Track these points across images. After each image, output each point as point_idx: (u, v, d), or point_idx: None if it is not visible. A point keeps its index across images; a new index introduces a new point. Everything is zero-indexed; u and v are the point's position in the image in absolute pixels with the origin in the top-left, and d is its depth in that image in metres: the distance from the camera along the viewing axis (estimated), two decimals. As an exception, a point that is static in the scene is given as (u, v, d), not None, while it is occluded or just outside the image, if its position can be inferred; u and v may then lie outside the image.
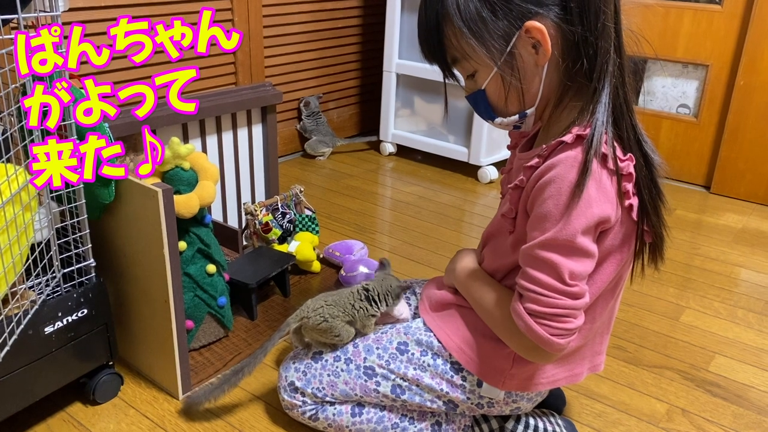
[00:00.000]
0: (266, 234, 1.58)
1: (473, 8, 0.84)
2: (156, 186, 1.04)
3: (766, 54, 2.12)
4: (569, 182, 0.82)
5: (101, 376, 1.15)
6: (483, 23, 0.84)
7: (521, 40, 0.85)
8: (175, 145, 1.16)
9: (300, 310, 1.07)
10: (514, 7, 0.83)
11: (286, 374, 1.08)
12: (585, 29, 0.82)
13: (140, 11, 1.84)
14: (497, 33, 0.84)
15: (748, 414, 1.22)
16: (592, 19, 0.81)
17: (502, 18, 0.84)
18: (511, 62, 0.86)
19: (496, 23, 0.84)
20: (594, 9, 0.81)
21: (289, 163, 2.46)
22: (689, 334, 1.47)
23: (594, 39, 0.82)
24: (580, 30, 0.82)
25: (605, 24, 0.81)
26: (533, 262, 0.86)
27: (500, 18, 0.84)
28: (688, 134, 2.36)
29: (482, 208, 2.14)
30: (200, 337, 1.30)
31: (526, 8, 0.83)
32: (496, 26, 0.84)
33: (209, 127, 1.55)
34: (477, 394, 1.02)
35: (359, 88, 2.74)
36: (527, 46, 0.85)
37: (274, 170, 1.72)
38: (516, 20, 0.84)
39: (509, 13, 0.83)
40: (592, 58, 0.83)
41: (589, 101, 0.84)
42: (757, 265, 1.81)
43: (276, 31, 2.27)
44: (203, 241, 1.24)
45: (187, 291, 1.24)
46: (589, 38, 0.82)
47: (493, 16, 0.84)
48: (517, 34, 0.84)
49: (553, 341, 0.86)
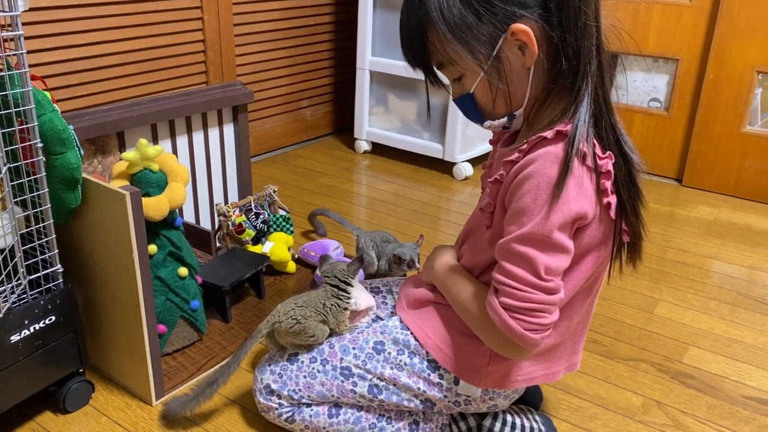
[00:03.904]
0: (239, 235, 1.56)
1: (457, 13, 0.83)
2: (123, 189, 1.02)
3: (734, 48, 2.15)
4: (548, 177, 0.82)
5: (71, 384, 1.12)
6: (468, 28, 0.84)
7: (507, 43, 0.84)
8: (143, 147, 1.14)
9: (271, 316, 1.06)
10: (498, 11, 0.83)
11: (261, 377, 1.07)
12: (565, 30, 0.82)
13: (102, 10, 1.80)
14: (482, 37, 0.84)
15: (722, 404, 1.23)
16: (571, 20, 0.81)
17: (487, 22, 0.83)
18: (498, 65, 0.86)
19: (480, 27, 0.84)
20: (573, 9, 0.81)
21: (263, 162, 2.43)
22: (663, 326, 1.48)
23: (574, 39, 0.82)
24: (561, 30, 0.82)
25: (586, 23, 0.81)
26: (509, 256, 0.86)
27: (485, 22, 0.83)
28: (660, 128, 2.38)
29: (458, 204, 2.14)
30: (173, 342, 1.28)
31: (511, 11, 0.82)
32: (481, 30, 0.84)
33: (179, 127, 1.52)
34: (454, 392, 1.01)
35: (333, 86, 2.72)
36: (513, 48, 0.85)
37: (247, 170, 1.70)
38: (501, 23, 0.83)
39: (494, 17, 0.83)
40: (574, 58, 0.83)
41: (572, 100, 0.84)
42: (728, 257, 1.83)
43: (246, 29, 2.25)
44: (174, 243, 1.22)
45: (159, 295, 1.22)
46: (569, 38, 0.82)
47: (478, 20, 0.83)
48: (503, 37, 0.84)
49: (527, 336, 0.86)
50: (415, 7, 0.87)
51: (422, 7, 0.85)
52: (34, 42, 1.66)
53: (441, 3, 0.84)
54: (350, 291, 1.08)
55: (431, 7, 0.84)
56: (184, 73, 2.07)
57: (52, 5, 1.68)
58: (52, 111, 0.99)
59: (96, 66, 1.82)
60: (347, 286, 1.09)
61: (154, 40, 1.95)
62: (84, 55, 1.79)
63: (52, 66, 1.72)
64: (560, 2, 0.81)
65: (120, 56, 1.88)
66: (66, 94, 1.77)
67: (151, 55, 1.96)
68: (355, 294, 1.10)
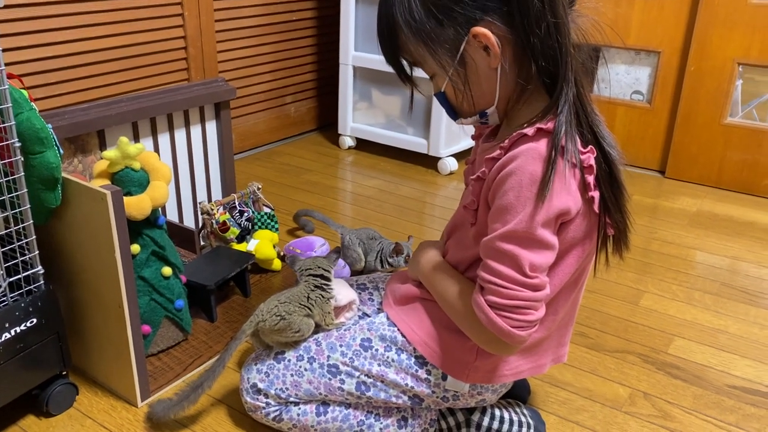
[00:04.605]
0: (224, 233, 1.55)
1: (419, 18, 0.85)
2: (105, 188, 1.00)
3: (715, 40, 2.16)
4: (530, 174, 0.81)
5: (55, 387, 1.11)
6: (430, 33, 0.85)
7: (471, 46, 0.85)
8: (124, 145, 1.12)
9: (254, 315, 1.05)
10: (458, 15, 0.83)
11: (248, 376, 1.06)
12: (528, 31, 0.82)
13: (80, 7, 1.78)
14: (446, 41, 0.85)
15: (708, 394, 1.24)
16: (533, 21, 0.81)
17: (448, 26, 0.84)
18: (463, 68, 0.87)
19: (443, 31, 0.85)
20: (535, 10, 0.80)
21: (246, 159, 2.42)
22: (649, 317, 1.49)
23: (539, 40, 0.82)
24: (524, 32, 0.82)
25: (554, 23, 0.81)
26: (494, 254, 0.86)
27: (446, 26, 0.84)
28: (642, 120, 2.39)
29: (443, 199, 2.14)
30: (158, 342, 1.26)
31: (471, 14, 0.83)
32: (443, 35, 0.85)
33: (161, 125, 1.50)
34: (442, 388, 1.01)
35: (316, 82, 2.70)
36: (478, 50, 0.85)
37: (230, 167, 1.68)
38: (462, 27, 0.84)
39: (454, 21, 0.84)
40: (543, 58, 0.83)
41: (553, 100, 0.84)
42: (711, 247, 1.85)
43: (228, 25, 2.23)
44: (157, 243, 1.20)
45: (143, 295, 1.20)
46: (533, 39, 0.82)
47: (439, 25, 0.85)
48: (466, 40, 0.85)
49: (514, 333, 0.86)
50: (383, 11, 0.89)
51: (389, 10, 0.88)
52: (10, 40, 1.63)
53: (404, 9, 0.86)
54: (330, 282, 1.09)
55: (396, 11, 0.87)
56: (164, 71, 2.05)
57: (29, 2, 1.65)
58: (29, 110, 0.97)
59: (75, 64, 1.80)
60: (328, 276, 1.09)
61: (134, 37, 1.92)
62: (62, 53, 1.76)
63: (30, 64, 1.69)
64: (521, 4, 0.81)
65: (99, 53, 1.85)
66: (44, 93, 1.74)
67: (130, 53, 1.93)
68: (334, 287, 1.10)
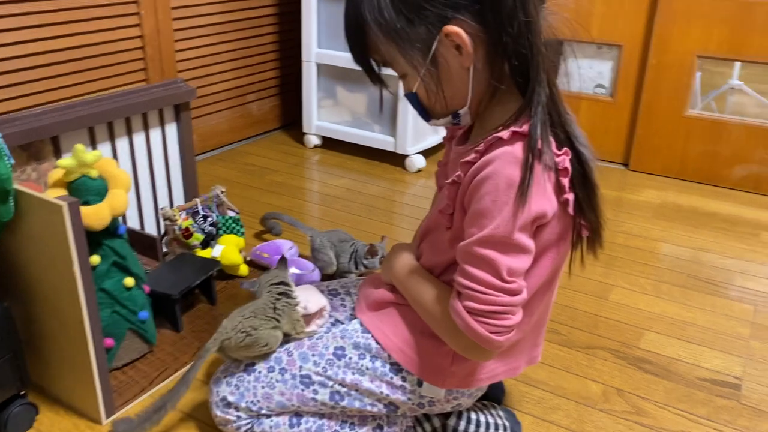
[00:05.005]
0: (187, 239, 1.50)
1: (389, 17, 0.82)
2: (60, 199, 0.96)
3: (675, 33, 2.18)
4: (506, 178, 0.80)
5: (13, 408, 1.06)
6: (401, 32, 0.83)
7: (442, 45, 0.83)
8: (80, 153, 1.07)
9: (218, 333, 1.01)
10: (429, 13, 0.81)
11: (217, 389, 1.03)
12: (501, 29, 0.80)
13: (30, 6, 1.70)
14: (417, 40, 0.83)
15: (679, 387, 1.25)
16: (506, 19, 0.79)
17: (419, 25, 0.82)
18: (435, 67, 0.85)
19: (414, 30, 0.83)
20: (508, 8, 0.79)
21: (209, 160, 2.36)
22: (618, 312, 1.50)
23: (511, 39, 0.80)
24: (497, 30, 0.80)
25: (526, 21, 0.79)
26: (471, 259, 0.84)
27: (417, 25, 0.82)
28: (606, 113, 2.41)
29: (412, 198, 2.12)
30: (122, 355, 1.22)
31: (443, 12, 0.81)
32: (414, 34, 0.83)
33: (119, 129, 1.45)
34: (418, 394, 0.99)
35: (279, 79, 2.66)
36: (450, 49, 0.83)
37: (192, 171, 1.64)
38: (434, 25, 0.82)
39: (425, 19, 0.82)
40: (515, 57, 0.81)
41: (526, 101, 0.83)
42: (676, 239, 1.87)
43: (186, 24, 2.16)
44: (118, 253, 1.16)
45: (104, 307, 1.15)
46: (505, 38, 0.80)
47: (410, 23, 0.82)
48: (438, 39, 0.82)
49: (493, 339, 0.84)
50: (351, 7, 0.86)
51: (357, 7, 0.85)
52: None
53: (373, 8, 0.83)
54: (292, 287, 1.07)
55: (365, 9, 0.84)
56: (121, 71, 1.98)
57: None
58: (-24, 119, 0.92)
59: (25, 66, 1.72)
60: (288, 282, 1.07)
61: (88, 37, 1.85)
62: (11, 55, 1.68)
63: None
64: (493, 2, 0.79)
65: (51, 55, 1.78)
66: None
67: (85, 53, 1.86)
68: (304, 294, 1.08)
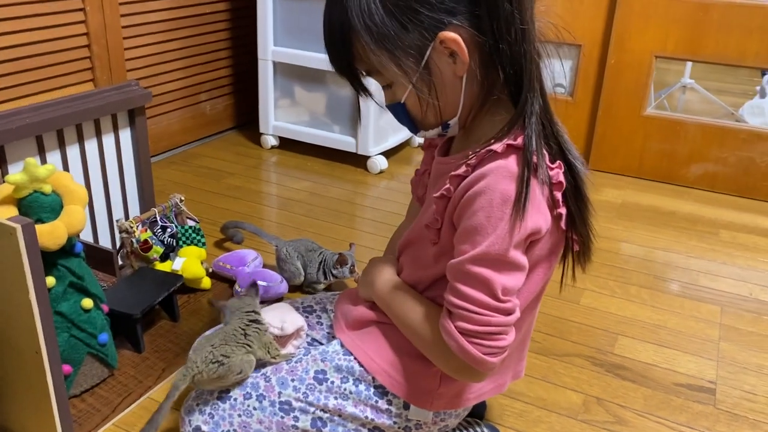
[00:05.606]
0: (146, 253, 1.42)
1: (380, 22, 0.76)
2: (13, 221, 0.87)
3: (634, 33, 2.20)
4: (500, 193, 0.76)
5: (-39, 448, 0.97)
6: (393, 38, 0.77)
7: (436, 52, 0.78)
8: (32, 167, 0.98)
9: (186, 369, 0.94)
10: (424, 19, 0.76)
11: (189, 419, 0.96)
12: (497, 36, 0.76)
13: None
14: (409, 47, 0.78)
15: (657, 394, 1.25)
16: (503, 26, 0.76)
17: (413, 31, 0.77)
18: (427, 76, 0.80)
19: (407, 36, 0.77)
20: (505, 15, 0.75)
21: (161, 163, 2.25)
22: (591, 316, 1.49)
23: (507, 46, 0.77)
24: (493, 37, 0.77)
25: (521, 29, 0.76)
26: (463, 278, 0.80)
27: (411, 31, 0.77)
28: (565, 113, 2.41)
29: (375, 200, 2.07)
30: (81, 382, 1.14)
31: (438, 18, 0.76)
32: (407, 40, 0.77)
33: (69, 137, 1.35)
34: (404, 417, 0.95)
35: (233, 77, 2.56)
36: (444, 56, 0.79)
37: (148, 179, 1.55)
38: (428, 32, 0.77)
39: (420, 25, 0.76)
40: (509, 65, 0.78)
41: (519, 112, 0.79)
42: (639, 239, 1.88)
43: (135, 20, 2.05)
44: (74, 273, 1.08)
45: (61, 332, 1.07)
46: (502, 46, 0.77)
47: (403, 29, 0.77)
48: (431, 46, 0.78)
49: (486, 360, 0.81)
50: (336, 12, 0.79)
51: (344, 13, 0.78)
52: None
53: (363, 10, 0.76)
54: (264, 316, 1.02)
55: (353, 13, 0.77)
56: (67, 71, 1.86)
57: None
58: None
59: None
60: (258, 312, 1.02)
61: (29, 35, 1.73)
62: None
63: None
64: (490, 8, 0.75)
65: (-10, 54, 1.66)
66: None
67: (26, 52, 1.74)
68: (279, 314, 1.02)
